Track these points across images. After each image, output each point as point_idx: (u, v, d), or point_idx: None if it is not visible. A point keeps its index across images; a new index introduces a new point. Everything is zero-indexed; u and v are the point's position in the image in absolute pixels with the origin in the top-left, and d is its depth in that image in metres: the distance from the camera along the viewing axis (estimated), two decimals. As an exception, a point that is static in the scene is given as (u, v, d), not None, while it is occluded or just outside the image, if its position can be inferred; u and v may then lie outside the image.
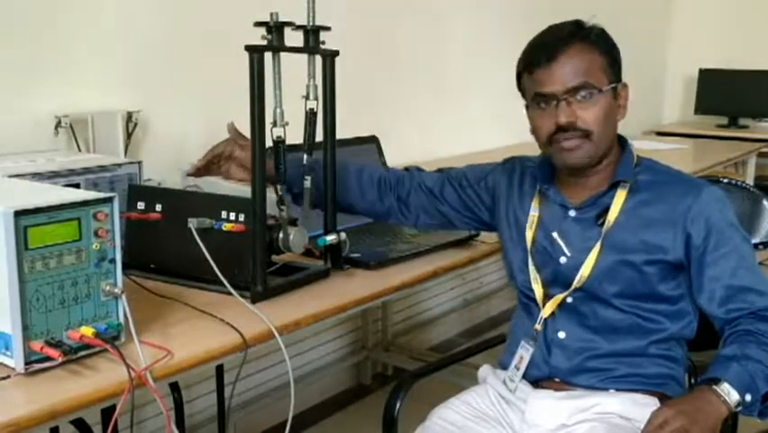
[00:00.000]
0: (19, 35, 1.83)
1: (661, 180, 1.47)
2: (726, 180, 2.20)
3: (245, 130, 1.42)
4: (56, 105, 1.90)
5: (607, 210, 1.45)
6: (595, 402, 1.43)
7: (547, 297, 1.48)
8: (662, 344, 1.45)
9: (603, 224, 1.44)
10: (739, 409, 1.29)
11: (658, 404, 1.41)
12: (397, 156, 2.26)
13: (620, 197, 1.45)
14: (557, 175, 1.51)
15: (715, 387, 1.27)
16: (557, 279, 1.47)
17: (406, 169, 1.73)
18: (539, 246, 1.50)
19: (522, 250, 1.53)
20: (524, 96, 1.47)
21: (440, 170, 1.71)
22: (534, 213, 1.52)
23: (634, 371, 1.44)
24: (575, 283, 1.44)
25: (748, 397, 1.28)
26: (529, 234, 1.51)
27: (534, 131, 1.46)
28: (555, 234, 1.48)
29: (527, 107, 1.46)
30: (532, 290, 1.50)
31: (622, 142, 1.50)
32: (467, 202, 1.64)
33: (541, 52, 1.40)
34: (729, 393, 1.27)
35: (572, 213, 1.48)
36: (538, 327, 1.48)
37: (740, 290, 1.39)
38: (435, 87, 3.25)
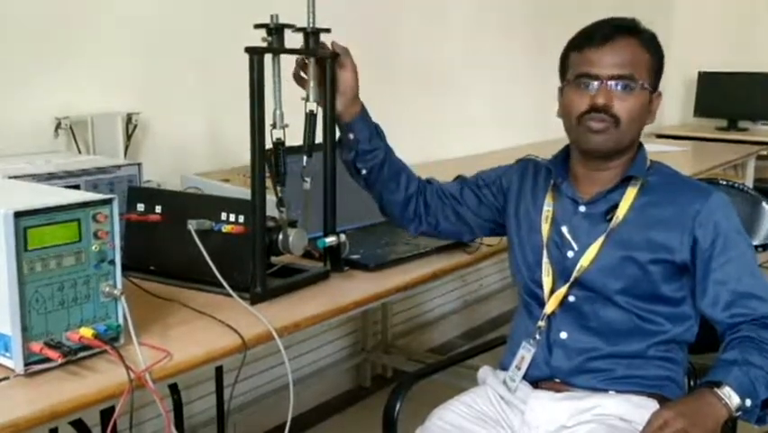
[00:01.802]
0: (19, 37, 1.83)
1: (670, 183, 1.49)
2: (725, 183, 2.20)
3: (244, 132, 1.42)
4: (56, 106, 1.90)
5: (616, 206, 1.46)
6: (595, 404, 1.43)
7: (552, 292, 1.48)
8: (662, 346, 1.46)
9: (611, 219, 1.45)
10: (739, 414, 1.29)
11: (657, 406, 1.41)
12: (402, 156, 2.26)
13: (630, 194, 1.46)
14: (571, 170, 1.53)
15: (716, 390, 1.27)
16: (563, 273, 1.48)
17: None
18: (551, 241, 1.51)
19: (531, 247, 1.53)
20: (563, 75, 1.49)
21: (457, 177, 1.72)
22: (548, 208, 1.53)
23: (633, 372, 1.44)
24: (575, 273, 1.45)
25: (748, 402, 1.28)
26: (545, 228, 1.51)
27: (564, 110, 1.48)
28: (564, 229, 1.49)
29: (563, 87, 1.48)
30: (540, 286, 1.50)
31: (637, 145, 1.51)
32: (484, 202, 1.65)
33: (598, 33, 1.44)
34: (730, 397, 1.27)
35: (582, 208, 1.49)
36: (542, 323, 1.48)
37: (744, 296, 1.39)
38: (436, 88, 3.25)
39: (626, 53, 1.42)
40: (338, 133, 1.58)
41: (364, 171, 1.59)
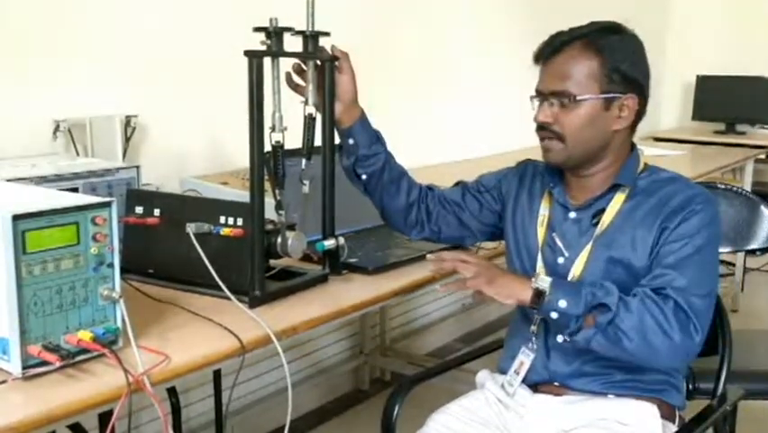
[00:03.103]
0: (18, 39, 1.83)
1: (658, 187, 1.46)
2: (723, 187, 2.20)
3: (243, 135, 1.42)
4: (54, 109, 1.90)
5: (602, 212, 1.45)
6: (594, 407, 1.43)
7: None
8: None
9: (597, 224, 1.44)
10: (554, 316, 1.31)
11: (656, 410, 1.42)
12: (397, 160, 2.26)
13: (618, 200, 1.45)
14: (564, 176, 1.52)
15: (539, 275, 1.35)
16: None
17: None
18: (546, 245, 1.51)
19: (527, 250, 1.53)
20: None
21: (457, 183, 1.72)
22: (543, 212, 1.53)
23: (632, 376, 1.44)
24: None
25: (562, 303, 1.29)
26: (541, 232, 1.52)
27: None
28: (555, 235, 1.49)
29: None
30: None
31: (632, 148, 1.50)
32: (486, 206, 1.65)
33: (544, 47, 1.45)
34: (543, 282, 1.31)
35: (572, 214, 1.49)
36: (534, 327, 1.48)
37: (674, 279, 1.34)
38: (436, 91, 3.26)
39: (563, 67, 1.40)
40: (338, 138, 1.58)
41: (364, 177, 1.59)
